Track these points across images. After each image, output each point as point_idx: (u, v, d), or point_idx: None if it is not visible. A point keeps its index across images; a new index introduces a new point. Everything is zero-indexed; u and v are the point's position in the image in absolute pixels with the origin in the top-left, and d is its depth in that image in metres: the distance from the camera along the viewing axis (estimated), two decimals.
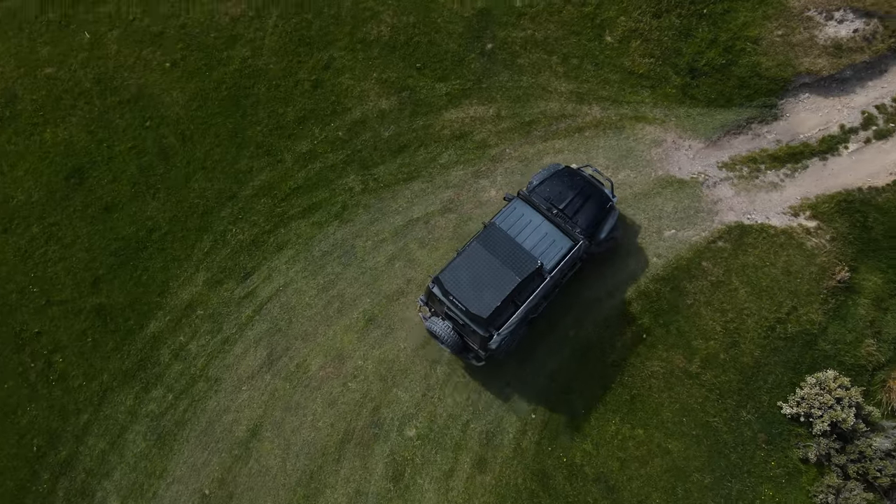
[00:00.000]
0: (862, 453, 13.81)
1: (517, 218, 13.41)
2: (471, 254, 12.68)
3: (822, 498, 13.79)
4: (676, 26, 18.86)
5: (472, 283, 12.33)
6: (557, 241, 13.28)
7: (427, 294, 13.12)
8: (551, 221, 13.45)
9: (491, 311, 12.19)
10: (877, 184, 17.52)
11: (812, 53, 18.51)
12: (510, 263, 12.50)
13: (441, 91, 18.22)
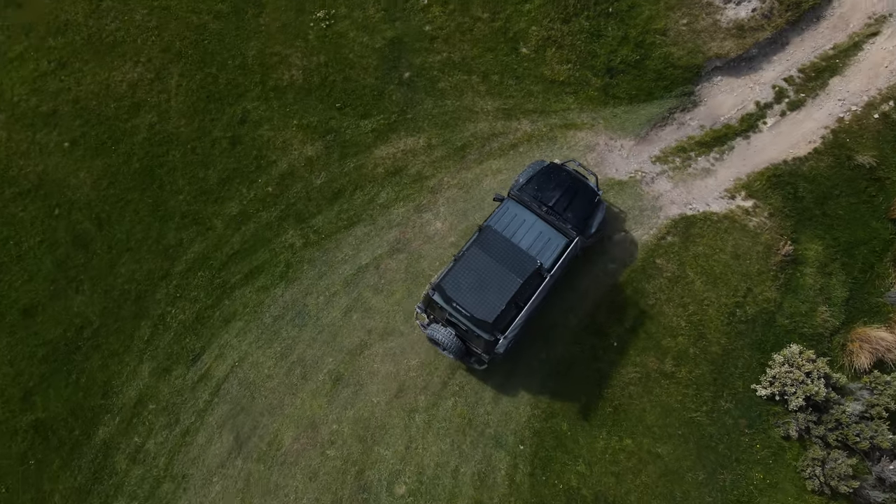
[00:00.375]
0: (838, 421, 14.18)
1: (511, 218, 13.35)
2: (470, 258, 12.57)
3: (810, 471, 14.08)
4: (587, 29, 18.91)
5: (474, 288, 12.26)
6: (553, 239, 13.28)
7: (426, 302, 12.94)
8: (544, 220, 13.42)
9: (496, 314, 12.17)
10: (799, 154, 18.12)
11: (718, 37, 18.95)
12: (510, 265, 12.47)
13: (367, 128, 17.59)
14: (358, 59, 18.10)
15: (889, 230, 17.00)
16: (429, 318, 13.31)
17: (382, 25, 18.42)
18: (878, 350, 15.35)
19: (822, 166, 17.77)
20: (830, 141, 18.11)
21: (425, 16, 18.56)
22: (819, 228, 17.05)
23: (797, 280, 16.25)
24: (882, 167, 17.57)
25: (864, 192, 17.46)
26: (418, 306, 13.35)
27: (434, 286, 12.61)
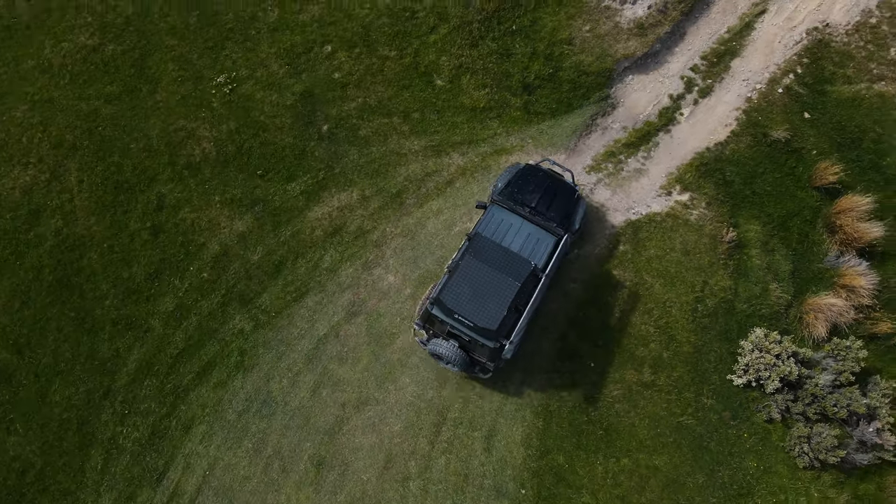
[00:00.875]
0: (814, 395, 14.57)
1: (498, 224, 13.30)
2: (466, 268, 12.44)
3: (798, 449, 14.40)
4: (495, 50, 18.71)
5: (473, 297, 12.19)
6: (542, 239, 13.23)
7: (425, 318, 12.77)
8: (530, 221, 13.39)
9: (499, 321, 12.09)
10: (719, 139, 18.59)
11: (622, 39, 19.20)
12: (506, 270, 12.42)
13: (295, 191, 16.67)
14: (270, 119, 17.14)
15: (814, 197, 17.68)
16: (428, 333, 13.02)
17: (289, 80, 17.52)
18: (831, 316, 15.89)
19: (743, 147, 18.29)
20: (744, 121, 18.67)
21: (331, 63, 17.81)
22: (753, 208, 17.53)
23: (745, 263, 16.63)
24: (796, 139, 18.26)
25: (785, 165, 18.08)
26: (416, 323, 13.08)
27: (433, 300, 12.38)
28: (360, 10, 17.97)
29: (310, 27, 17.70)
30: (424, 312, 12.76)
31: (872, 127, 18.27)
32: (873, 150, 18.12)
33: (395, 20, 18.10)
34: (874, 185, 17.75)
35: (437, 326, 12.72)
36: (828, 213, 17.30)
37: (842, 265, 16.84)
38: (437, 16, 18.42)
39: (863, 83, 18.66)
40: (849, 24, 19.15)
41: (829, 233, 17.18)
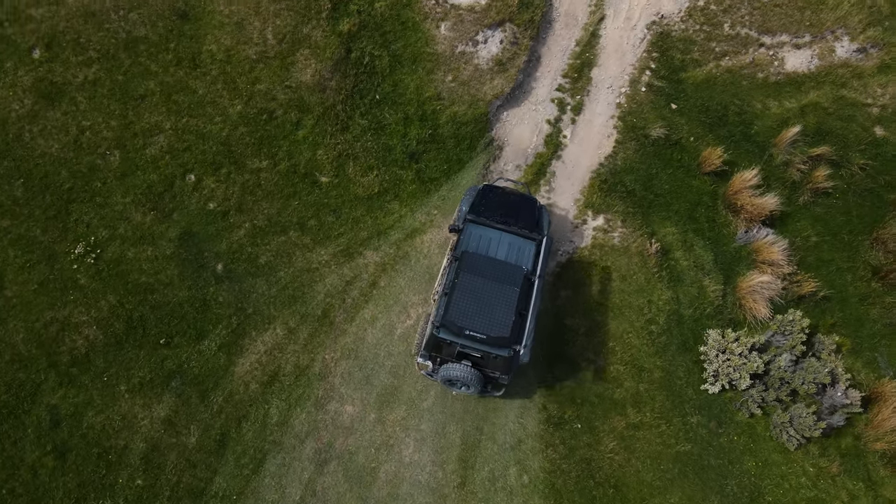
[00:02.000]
0: (781, 379, 15.07)
1: (478, 239, 13.40)
2: (464, 284, 12.45)
3: (785, 435, 14.84)
4: (368, 126, 17.62)
5: (479, 311, 12.25)
6: (523, 247, 13.44)
7: (431, 346, 12.57)
8: (508, 231, 13.54)
9: (511, 327, 12.17)
10: (607, 151, 18.77)
11: (486, 80, 18.80)
12: (502, 279, 12.55)
13: (211, 350, 14.70)
14: (154, 277, 14.96)
15: (707, 181, 18.31)
16: (435, 362, 12.86)
17: (160, 227, 15.39)
18: (765, 294, 16.54)
19: (631, 153, 18.57)
20: (622, 128, 18.96)
21: (201, 193, 15.87)
22: (661, 210, 17.84)
23: (675, 268, 16.88)
24: (672, 131, 18.80)
25: (672, 159, 18.58)
26: (420, 355, 12.86)
27: (438, 324, 12.17)
28: (211, 127, 16.14)
29: (162, 160, 15.62)
30: (429, 341, 12.45)
31: (732, 101, 19.20)
32: (739, 121, 19.04)
33: (255, 126, 16.45)
34: (752, 156, 18.67)
35: (445, 351, 12.46)
36: (725, 195, 17.94)
37: (752, 240, 17.55)
38: (296, 109, 16.97)
39: (711, 63, 19.55)
40: (680, 10, 19.96)
41: (732, 213, 17.84)
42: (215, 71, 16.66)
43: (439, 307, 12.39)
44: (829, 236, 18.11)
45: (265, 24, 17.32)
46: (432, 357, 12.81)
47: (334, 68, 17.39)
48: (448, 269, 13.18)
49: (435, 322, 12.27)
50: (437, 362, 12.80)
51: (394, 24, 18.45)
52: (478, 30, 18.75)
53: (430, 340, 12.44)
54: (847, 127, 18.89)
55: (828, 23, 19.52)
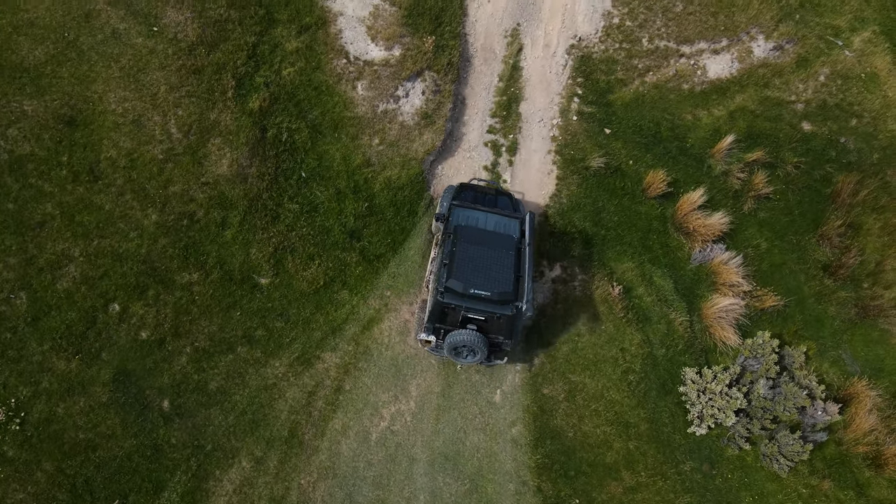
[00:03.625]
0: (763, 408, 14.94)
1: (467, 217, 13.75)
2: (462, 252, 12.88)
3: (776, 464, 14.75)
4: (300, 210, 16.28)
5: (480, 273, 12.71)
6: (509, 224, 13.88)
7: (434, 316, 12.92)
8: (491, 212, 14.05)
9: (513, 284, 12.65)
10: (550, 190, 18.08)
11: (414, 136, 17.73)
12: (497, 245, 13.16)
13: (173, 501, 13.28)
14: (93, 432, 13.33)
15: (655, 205, 17.94)
16: (438, 335, 13.15)
17: (89, 372, 13.71)
18: (729, 316, 16.37)
19: (574, 189, 17.96)
20: (562, 162, 18.32)
21: (129, 323, 14.24)
22: (615, 245, 17.36)
23: (640, 306, 16.46)
24: (611, 158, 18.31)
25: (616, 188, 18.09)
26: (424, 330, 13.17)
27: (442, 290, 12.50)
28: (127, 245, 14.47)
29: (78, 294, 13.89)
30: (433, 311, 12.74)
31: (663, 116, 18.84)
32: (673, 136, 18.72)
33: (176, 235, 14.87)
34: (692, 169, 18.40)
35: (449, 318, 12.72)
36: (674, 217, 17.62)
37: (707, 259, 17.33)
38: (219, 207, 15.45)
39: (636, 80, 19.09)
40: (597, 31, 19.37)
41: (684, 234, 17.55)
42: (120, 180, 14.90)
43: (440, 277, 12.67)
44: (777, 240, 18.09)
45: (166, 118, 15.61)
46: (436, 329, 12.96)
47: (252, 153, 15.91)
48: (441, 246, 13.57)
49: (438, 289, 12.48)
50: (442, 334, 12.97)
51: (306, 90, 17.06)
52: (396, 84, 17.59)
53: (434, 310, 12.64)
54: (776, 127, 18.85)
55: (741, 24, 19.33)
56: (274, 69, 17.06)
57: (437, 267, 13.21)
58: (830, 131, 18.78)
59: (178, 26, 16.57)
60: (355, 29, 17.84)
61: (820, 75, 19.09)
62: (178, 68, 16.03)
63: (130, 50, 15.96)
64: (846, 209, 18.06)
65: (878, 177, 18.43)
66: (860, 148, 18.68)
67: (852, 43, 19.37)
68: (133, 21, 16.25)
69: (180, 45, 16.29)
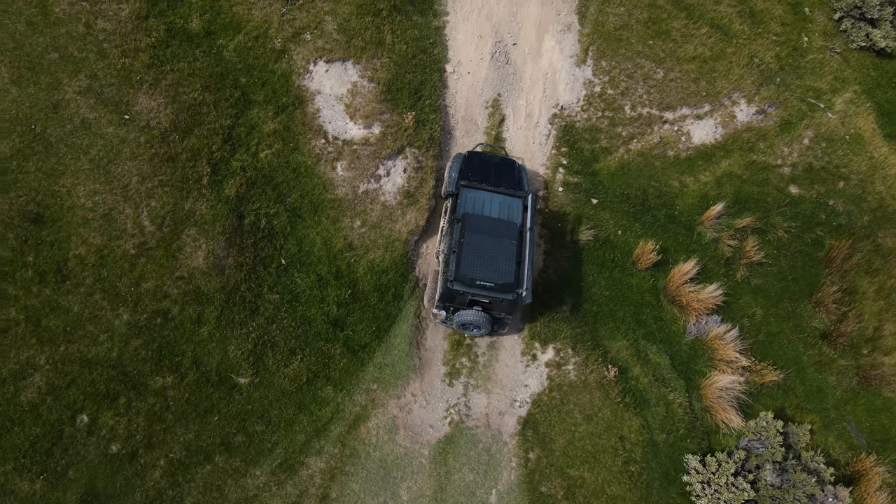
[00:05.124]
0: (772, 497, 14.14)
1: (473, 201, 14.89)
2: (469, 242, 14.20)
3: None
4: (280, 300, 15.49)
5: (485, 263, 14.07)
6: (512, 204, 15.03)
7: (445, 297, 14.33)
8: (496, 192, 15.12)
9: (514, 274, 13.98)
10: (538, 266, 17.45)
11: (397, 216, 17.10)
12: (500, 234, 14.34)
13: None
14: None
15: (646, 277, 17.37)
16: (448, 311, 14.61)
17: (54, 493, 12.70)
18: (729, 395, 15.66)
19: (564, 263, 17.35)
20: (548, 236, 17.74)
21: (99, 436, 13.26)
22: (608, 322, 16.70)
23: (637, 388, 15.73)
24: (599, 229, 17.74)
25: (606, 260, 17.51)
26: (436, 307, 14.65)
27: (452, 278, 13.90)
28: (97, 350, 13.57)
29: (43, 406, 12.93)
30: (444, 294, 14.16)
31: (649, 184, 18.40)
32: (661, 204, 18.26)
33: (149, 336, 13.99)
34: (681, 237, 17.89)
35: (458, 300, 14.17)
36: (666, 289, 17.03)
37: (702, 332, 16.70)
38: (194, 303, 14.63)
39: (621, 148, 18.70)
40: (579, 99, 19.03)
41: (678, 307, 16.93)
42: (89, 279, 14.06)
43: (449, 264, 14.01)
44: (772, 308, 17.52)
45: (139, 210, 14.88)
46: (447, 307, 14.50)
47: (228, 242, 15.17)
48: (450, 230, 14.67)
49: (449, 276, 13.90)
50: (451, 311, 14.52)
51: (285, 173, 16.45)
52: (377, 163, 17.03)
53: (444, 293, 14.10)
54: (764, 191, 18.47)
55: (723, 89, 19.10)
56: (251, 152, 16.46)
57: (447, 249, 14.46)
58: (819, 194, 18.41)
59: (151, 113, 15.95)
60: (333, 107, 17.33)
61: (804, 138, 18.81)
62: (151, 157, 15.35)
63: (101, 140, 15.29)
64: (840, 274, 17.57)
65: (869, 239, 18.03)
66: (850, 210, 18.30)
67: (834, 105, 19.16)
68: (104, 110, 15.61)
69: (153, 132, 15.66)
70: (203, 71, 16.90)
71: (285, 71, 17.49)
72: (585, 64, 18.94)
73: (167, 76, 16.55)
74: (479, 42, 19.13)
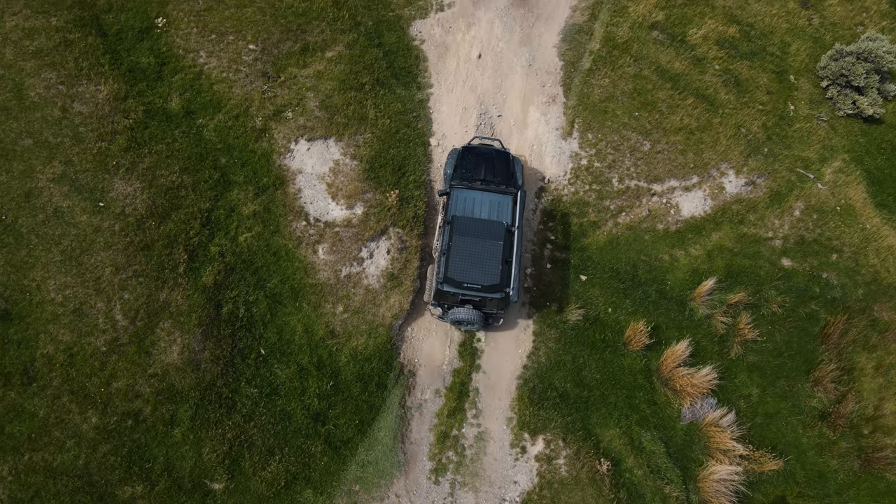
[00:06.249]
0: None
1: (464, 202, 15.51)
2: (457, 245, 14.82)
3: None
4: (258, 394, 14.82)
5: (472, 265, 14.69)
6: (502, 203, 15.56)
7: (437, 297, 15.00)
8: (487, 191, 15.62)
9: (500, 275, 14.56)
10: (527, 349, 16.88)
11: (381, 300, 16.53)
12: (488, 235, 14.88)
13: None
14: None
15: (638, 358, 16.79)
16: (443, 308, 15.21)
17: None
18: (728, 486, 14.98)
19: (553, 345, 16.77)
20: (537, 316, 17.20)
21: None
22: (600, 408, 16.05)
23: (631, 482, 15.01)
24: (589, 308, 17.23)
25: (597, 341, 16.95)
26: (431, 304, 15.32)
27: (442, 280, 14.55)
28: (63, 457, 12.87)
29: None
30: (436, 293, 14.81)
31: (639, 258, 17.93)
32: (652, 279, 17.76)
33: (119, 440, 13.26)
34: (673, 313, 17.36)
35: (450, 299, 14.79)
36: (659, 371, 16.42)
37: (698, 417, 16.07)
38: (167, 402, 13.94)
39: (609, 222, 18.27)
40: (566, 173, 18.69)
41: (671, 390, 16.31)
42: (57, 380, 13.40)
43: (439, 265, 14.68)
44: (769, 387, 16.93)
45: (111, 304, 14.27)
46: (441, 305, 15.12)
47: (205, 334, 14.54)
48: (442, 229, 15.22)
49: (439, 279, 14.55)
50: (446, 308, 15.16)
51: (265, 257, 15.92)
52: (360, 245, 16.54)
53: (437, 293, 14.77)
54: (756, 264, 18.02)
55: (711, 161, 18.79)
56: (230, 236, 15.97)
57: (439, 248, 15.01)
58: (812, 267, 17.98)
59: (127, 199, 15.49)
60: (315, 187, 16.93)
61: (795, 210, 18.46)
62: (126, 246, 14.82)
63: (74, 230, 14.77)
64: (837, 351, 17.03)
65: (865, 313, 17.55)
66: (844, 283, 17.85)
67: (824, 175, 18.87)
68: (78, 197, 15.15)
69: (128, 219, 15.17)
70: (182, 152, 16.50)
71: (266, 150, 17.11)
72: (571, 136, 18.64)
73: (144, 159, 16.14)
74: (464, 114, 18.86)
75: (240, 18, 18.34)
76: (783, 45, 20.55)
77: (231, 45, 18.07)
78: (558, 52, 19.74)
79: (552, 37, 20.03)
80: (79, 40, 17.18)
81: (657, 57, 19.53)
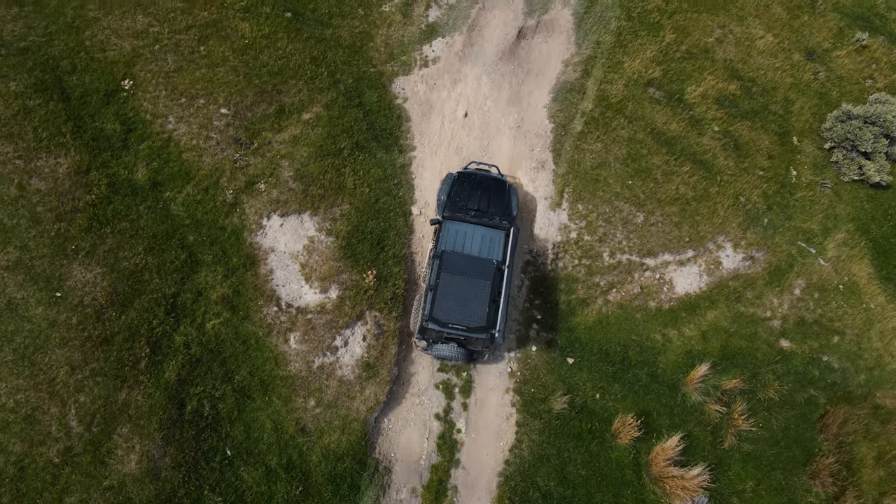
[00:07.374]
0: None
1: (455, 235, 15.12)
2: (445, 283, 14.46)
3: None
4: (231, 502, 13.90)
5: (458, 305, 14.32)
6: (494, 238, 15.11)
7: (421, 332, 14.73)
8: (479, 224, 15.26)
9: (485, 317, 14.23)
10: (510, 441, 16.08)
11: (356, 393, 15.63)
12: (476, 273, 14.47)
13: None
14: None
15: (627, 451, 15.93)
16: (428, 342, 14.91)
17: None
18: None
19: (536, 437, 15.87)
20: (521, 403, 16.30)
21: None
22: None
23: None
24: (576, 394, 16.33)
25: (583, 431, 16.07)
26: (416, 337, 15.05)
27: (427, 318, 14.26)
28: None
29: None
30: (420, 328, 14.53)
31: (630, 339, 16.99)
32: (643, 361, 16.82)
33: None
34: (665, 398, 16.44)
35: (435, 335, 14.52)
36: (649, 466, 15.52)
37: None
38: None
39: (599, 300, 17.29)
40: (554, 246, 17.65)
41: (661, 489, 15.40)
42: (6, 497, 12.60)
43: (426, 301, 14.42)
44: (764, 479, 16.06)
45: (65, 408, 13.37)
46: (425, 339, 14.83)
47: (166, 439, 13.65)
48: (431, 261, 14.97)
49: (424, 316, 14.26)
50: (430, 342, 14.86)
51: (233, 345, 14.99)
52: (334, 334, 15.61)
53: (421, 329, 14.49)
54: (752, 346, 17.04)
55: (707, 234, 17.75)
56: (196, 324, 15.02)
57: (427, 281, 14.82)
58: (811, 349, 16.99)
59: (86, 287, 14.53)
60: (288, 267, 15.94)
61: (795, 288, 17.43)
62: (83, 341, 13.90)
63: (27, 325, 13.85)
64: (836, 442, 16.08)
65: (867, 401, 16.57)
66: (845, 367, 16.88)
67: (827, 249, 17.83)
68: (33, 287, 14.20)
69: (87, 310, 14.23)
70: (147, 230, 15.52)
71: (237, 227, 16.12)
72: (560, 207, 17.61)
73: (106, 240, 15.17)
74: None
75: (211, 79, 17.24)
76: (786, 103, 19.38)
77: (202, 108, 17.00)
78: (549, 112, 18.63)
79: (542, 95, 18.90)
80: (39, 107, 16.11)
81: (653, 118, 18.41)
